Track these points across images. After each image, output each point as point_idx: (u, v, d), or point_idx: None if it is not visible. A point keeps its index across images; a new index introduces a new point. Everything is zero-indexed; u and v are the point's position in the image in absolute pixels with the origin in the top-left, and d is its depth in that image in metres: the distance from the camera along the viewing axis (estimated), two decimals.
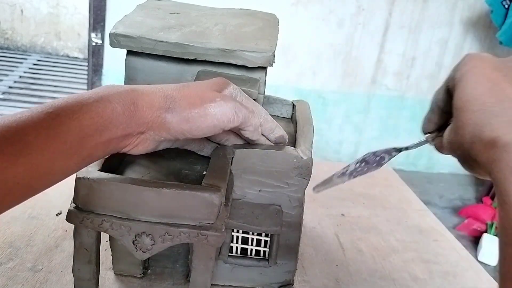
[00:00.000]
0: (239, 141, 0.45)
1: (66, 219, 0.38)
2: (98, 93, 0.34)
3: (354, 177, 0.43)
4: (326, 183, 0.44)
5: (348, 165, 0.44)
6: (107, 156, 0.40)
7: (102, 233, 0.39)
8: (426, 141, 0.41)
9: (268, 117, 0.43)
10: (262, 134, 0.44)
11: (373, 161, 0.43)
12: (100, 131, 0.33)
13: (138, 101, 0.35)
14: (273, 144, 0.46)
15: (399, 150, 0.43)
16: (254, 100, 0.45)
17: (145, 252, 0.38)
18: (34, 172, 0.30)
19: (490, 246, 1.95)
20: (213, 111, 0.37)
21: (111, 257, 0.49)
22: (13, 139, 0.28)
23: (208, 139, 0.44)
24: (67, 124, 0.31)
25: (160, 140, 0.38)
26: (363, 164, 0.43)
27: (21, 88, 2.94)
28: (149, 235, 0.38)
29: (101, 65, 2.33)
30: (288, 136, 0.47)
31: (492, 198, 2.28)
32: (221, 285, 0.50)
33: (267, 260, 0.49)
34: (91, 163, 0.35)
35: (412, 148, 0.42)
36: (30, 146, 0.29)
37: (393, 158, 0.44)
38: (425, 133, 0.41)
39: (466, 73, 0.33)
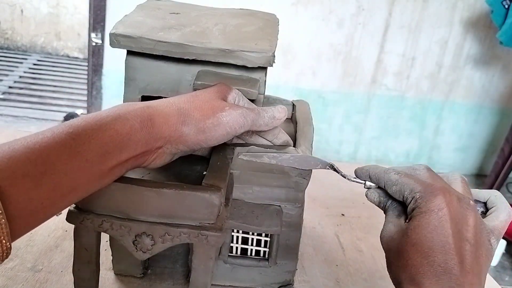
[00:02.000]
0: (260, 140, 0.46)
1: (66, 219, 0.38)
2: (115, 112, 0.34)
3: (276, 163, 0.44)
4: (255, 155, 0.44)
5: (283, 152, 0.44)
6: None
7: (102, 233, 0.39)
8: (364, 185, 0.42)
9: (283, 108, 0.44)
10: (265, 138, 0.45)
11: (305, 163, 0.44)
12: (119, 148, 0.33)
13: (155, 117, 0.36)
14: (273, 144, 0.46)
15: (336, 170, 0.43)
16: (254, 100, 0.45)
17: (145, 252, 0.39)
18: (58, 192, 0.30)
19: None
20: (225, 119, 0.38)
21: (111, 257, 0.49)
22: (36, 161, 0.29)
23: None
24: (87, 143, 0.31)
25: (177, 152, 0.39)
26: (294, 158, 0.44)
27: (21, 88, 2.94)
28: (149, 235, 0.38)
29: (101, 65, 2.33)
30: (292, 142, 0.47)
31: None
32: (221, 285, 0.50)
33: (267, 260, 0.49)
34: (112, 181, 0.36)
35: (346, 178, 0.43)
36: (53, 167, 0.29)
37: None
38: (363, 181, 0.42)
39: (430, 213, 0.35)
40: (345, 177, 0.43)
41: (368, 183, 0.41)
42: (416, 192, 0.36)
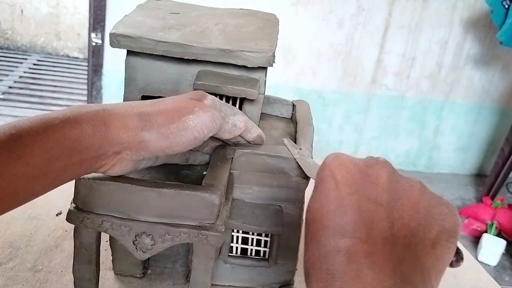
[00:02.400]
0: (217, 143, 0.44)
1: (66, 219, 0.38)
2: (66, 114, 0.32)
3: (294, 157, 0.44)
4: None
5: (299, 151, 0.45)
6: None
7: (102, 233, 0.39)
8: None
9: (243, 117, 0.42)
10: (239, 135, 0.43)
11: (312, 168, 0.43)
12: (67, 153, 0.31)
13: (110, 122, 0.33)
14: (250, 143, 0.45)
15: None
16: (254, 100, 0.45)
17: (145, 252, 0.39)
18: None
19: (490, 246, 1.96)
20: (192, 123, 0.36)
21: (111, 257, 0.49)
22: None
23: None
24: (30, 146, 0.29)
25: (139, 159, 0.37)
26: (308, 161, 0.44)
27: (21, 88, 2.94)
28: (149, 235, 0.38)
29: (101, 65, 2.33)
30: (265, 136, 0.46)
31: (492, 198, 2.28)
32: (221, 285, 0.50)
33: (267, 260, 0.49)
34: (63, 184, 0.34)
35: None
36: None
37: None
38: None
39: (320, 182, 0.30)
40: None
41: None
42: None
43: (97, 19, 2.24)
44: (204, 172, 0.41)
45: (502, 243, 1.96)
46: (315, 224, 0.28)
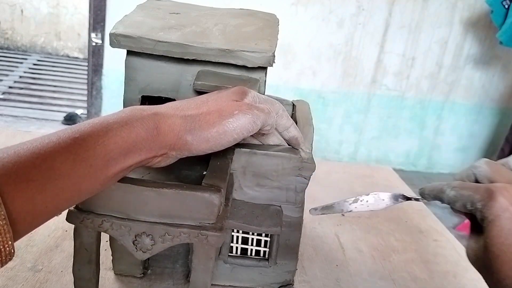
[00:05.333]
0: (254, 141, 0.46)
1: (66, 219, 0.38)
2: (122, 118, 0.34)
3: (353, 211, 0.44)
4: (325, 209, 0.45)
5: (354, 198, 0.44)
6: None
7: (102, 233, 0.39)
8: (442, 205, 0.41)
9: (284, 113, 0.43)
10: (276, 129, 0.44)
11: (377, 202, 0.43)
12: (124, 155, 0.34)
13: (161, 126, 0.36)
14: (278, 145, 0.46)
15: (408, 198, 0.43)
16: None
17: (145, 252, 0.38)
18: (61, 196, 0.31)
19: None
20: (232, 126, 0.37)
21: (111, 257, 0.49)
22: (41, 166, 0.29)
23: None
24: (93, 149, 0.32)
25: (182, 156, 0.39)
26: (366, 201, 0.44)
27: (21, 88, 2.94)
28: (149, 235, 0.38)
29: (101, 65, 2.33)
30: (302, 141, 0.46)
31: None
32: (221, 285, 0.50)
33: (267, 260, 0.49)
34: (115, 181, 0.36)
35: (421, 201, 0.43)
36: (57, 172, 0.30)
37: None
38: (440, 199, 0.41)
39: (498, 219, 0.34)
40: (418, 200, 0.42)
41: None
42: (477, 202, 0.35)
43: (97, 19, 2.24)
44: (204, 172, 0.41)
45: None
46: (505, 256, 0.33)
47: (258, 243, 0.49)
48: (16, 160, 0.28)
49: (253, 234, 0.49)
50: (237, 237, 0.49)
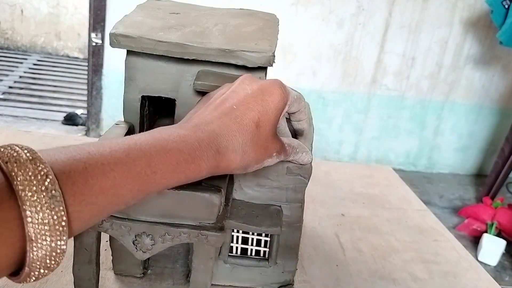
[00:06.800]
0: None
1: None
2: (192, 154, 0.33)
3: None
4: None
5: None
6: None
7: (102, 233, 0.39)
8: None
9: (304, 110, 0.45)
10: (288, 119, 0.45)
11: None
12: (179, 183, 0.33)
13: (221, 165, 0.35)
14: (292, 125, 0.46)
15: None
16: None
17: (145, 252, 0.39)
18: (110, 212, 0.30)
19: (490, 246, 1.96)
20: (267, 163, 0.40)
21: (111, 257, 0.49)
22: (109, 192, 0.29)
23: None
24: (156, 185, 0.31)
25: None
26: None
27: (21, 88, 2.94)
28: (149, 235, 0.38)
29: (101, 65, 2.33)
30: (307, 135, 0.47)
31: (492, 198, 2.28)
32: (221, 285, 0.50)
33: (267, 260, 0.49)
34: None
35: None
36: (121, 199, 0.30)
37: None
38: None
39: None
40: None
41: None
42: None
43: (97, 19, 2.24)
44: None
45: (502, 243, 1.96)
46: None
47: (258, 243, 0.49)
48: (86, 181, 0.27)
49: (253, 234, 0.49)
50: (237, 237, 0.49)
